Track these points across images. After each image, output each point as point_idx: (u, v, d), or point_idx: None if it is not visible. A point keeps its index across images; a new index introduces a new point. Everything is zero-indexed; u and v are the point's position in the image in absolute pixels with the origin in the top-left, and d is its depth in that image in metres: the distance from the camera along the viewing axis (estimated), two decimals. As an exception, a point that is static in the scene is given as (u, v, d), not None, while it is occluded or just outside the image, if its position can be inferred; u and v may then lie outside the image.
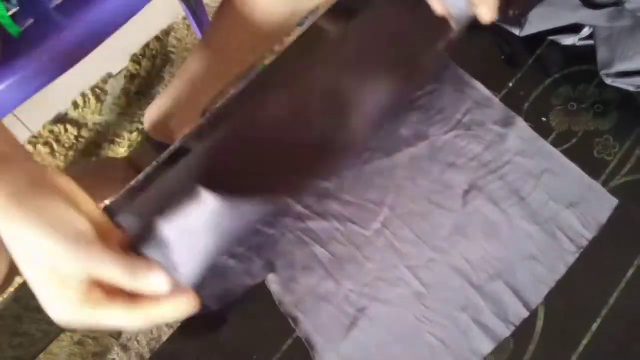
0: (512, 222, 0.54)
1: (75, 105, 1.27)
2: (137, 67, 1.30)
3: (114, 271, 0.33)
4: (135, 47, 1.31)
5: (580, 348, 0.48)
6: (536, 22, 0.58)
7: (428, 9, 0.48)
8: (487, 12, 0.45)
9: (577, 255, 0.52)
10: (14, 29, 0.70)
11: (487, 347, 0.50)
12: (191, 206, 0.36)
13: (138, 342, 0.56)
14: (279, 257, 0.55)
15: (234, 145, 0.46)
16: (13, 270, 0.52)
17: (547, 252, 0.53)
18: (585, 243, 0.53)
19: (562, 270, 0.52)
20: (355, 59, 0.50)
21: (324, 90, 0.48)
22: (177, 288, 0.35)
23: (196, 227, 0.36)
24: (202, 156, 0.46)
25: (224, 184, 0.37)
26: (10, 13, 0.73)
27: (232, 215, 0.37)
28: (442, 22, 0.48)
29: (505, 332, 0.50)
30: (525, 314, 0.51)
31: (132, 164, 1.06)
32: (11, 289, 0.53)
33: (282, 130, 0.46)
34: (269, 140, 0.45)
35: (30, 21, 0.74)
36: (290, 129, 0.46)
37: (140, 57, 1.30)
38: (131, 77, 1.29)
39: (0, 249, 0.49)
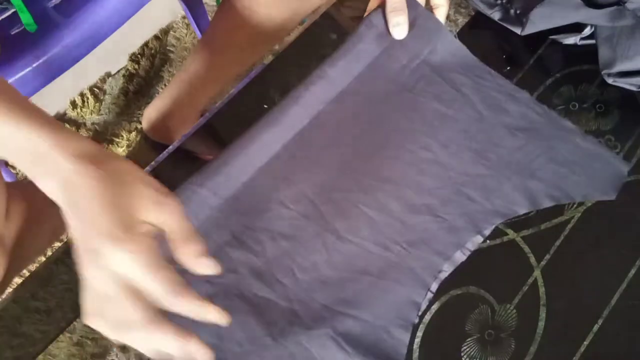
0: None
1: (74, 104, 1.27)
2: (136, 66, 1.29)
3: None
4: (134, 46, 1.31)
5: (582, 349, 0.48)
6: (537, 22, 0.58)
7: None
8: None
9: None
10: (30, 25, 0.70)
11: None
12: None
13: (137, 343, 0.56)
14: None
15: None
16: (10, 272, 0.52)
17: None
18: None
19: None
20: None
21: None
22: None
23: None
24: None
25: None
26: (9, 13, 0.73)
27: None
28: None
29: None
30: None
31: (130, 163, 1.05)
32: (10, 290, 0.53)
33: None
34: None
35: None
36: None
37: (139, 56, 1.30)
38: (130, 76, 1.29)
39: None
